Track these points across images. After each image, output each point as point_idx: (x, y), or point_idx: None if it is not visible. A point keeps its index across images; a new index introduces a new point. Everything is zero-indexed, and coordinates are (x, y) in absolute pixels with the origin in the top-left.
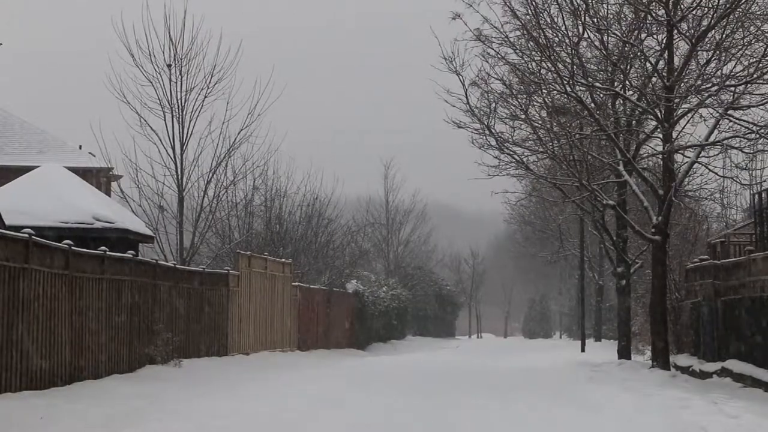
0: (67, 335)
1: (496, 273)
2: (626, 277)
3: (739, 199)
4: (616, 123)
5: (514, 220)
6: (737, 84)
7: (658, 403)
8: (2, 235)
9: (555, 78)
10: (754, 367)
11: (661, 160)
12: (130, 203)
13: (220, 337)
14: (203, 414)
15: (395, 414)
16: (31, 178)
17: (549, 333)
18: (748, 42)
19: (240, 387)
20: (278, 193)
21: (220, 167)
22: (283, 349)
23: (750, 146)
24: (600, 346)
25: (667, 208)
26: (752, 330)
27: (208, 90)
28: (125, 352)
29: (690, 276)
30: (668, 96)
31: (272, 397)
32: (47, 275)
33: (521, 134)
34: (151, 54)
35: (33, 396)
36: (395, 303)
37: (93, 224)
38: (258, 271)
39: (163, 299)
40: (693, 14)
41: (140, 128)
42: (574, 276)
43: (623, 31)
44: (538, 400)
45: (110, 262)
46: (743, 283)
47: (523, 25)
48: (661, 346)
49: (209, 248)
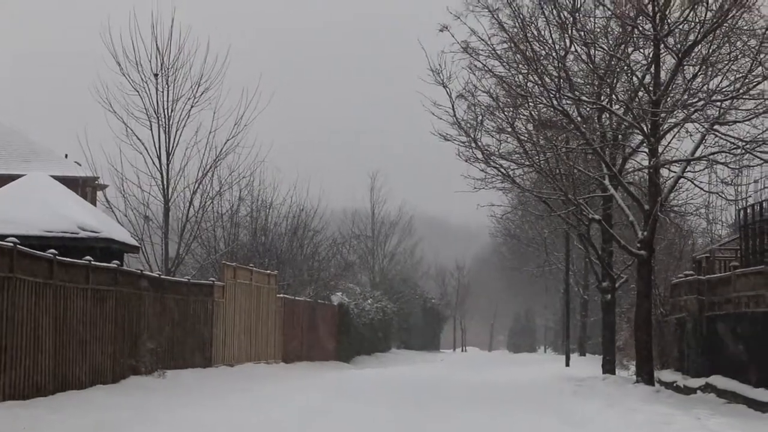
0: (51, 345)
1: (481, 286)
2: (611, 291)
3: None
4: (602, 137)
5: (499, 234)
6: (723, 99)
7: (642, 418)
8: None
9: (541, 91)
10: (738, 383)
11: (647, 174)
12: (115, 213)
13: (204, 348)
14: (188, 424)
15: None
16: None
17: (534, 347)
18: (735, 57)
19: (225, 398)
20: (264, 204)
21: (206, 177)
22: (268, 361)
23: (736, 161)
24: (585, 360)
25: (652, 223)
26: (736, 346)
27: (195, 100)
28: (109, 362)
29: (675, 291)
30: (654, 110)
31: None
32: (31, 285)
33: (508, 147)
34: (137, 63)
35: (16, 406)
36: (380, 315)
37: (78, 234)
38: (243, 282)
39: (148, 310)
40: (680, 29)
41: (126, 138)
42: (560, 290)
43: (610, 45)
44: (523, 415)
45: (95, 272)
46: (728, 299)
47: (511, 37)
48: (645, 362)
49: (194, 259)
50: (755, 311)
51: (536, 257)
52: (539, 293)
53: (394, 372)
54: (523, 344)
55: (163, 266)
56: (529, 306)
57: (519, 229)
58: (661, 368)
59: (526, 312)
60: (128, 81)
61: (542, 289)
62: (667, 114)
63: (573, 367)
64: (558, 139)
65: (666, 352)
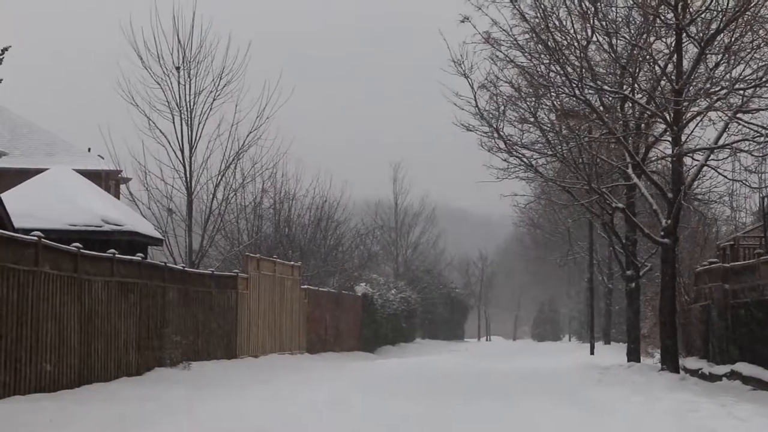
0: (76, 338)
1: (505, 276)
2: (635, 280)
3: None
4: (625, 126)
5: (522, 223)
6: (746, 87)
7: (667, 406)
8: (12, 238)
9: (564, 81)
10: (764, 370)
11: (670, 163)
12: (139, 206)
13: (229, 339)
14: (210, 417)
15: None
16: (40, 181)
17: (558, 336)
18: (757, 45)
19: (248, 390)
20: (287, 195)
21: (229, 170)
22: (292, 352)
23: (759, 149)
24: (609, 349)
25: (676, 211)
26: (761, 333)
27: (217, 93)
28: (134, 354)
29: (699, 279)
30: (677, 99)
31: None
32: (56, 278)
33: (530, 137)
34: (159, 56)
35: (43, 398)
36: (404, 306)
37: (102, 227)
38: (267, 273)
39: (172, 302)
40: (702, 18)
41: (149, 131)
42: (583, 279)
43: (632, 34)
44: (547, 402)
45: (119, 265)
46: (752, 286)
47: (532, 28)
48: (670, 349)
49: (218, 251)
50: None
51: (560, 247)
52: (563, 282)
53: (419, 362)
54: (547, 333)
55: (187, 258)
56: (553, 295)
57: (542, 218)
58: (686, 356)
59: (549, 301)
60: (150, 74)
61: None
62: (689, 103)
63: (597, 356)
64: (580, 129)
65: (691, 339)
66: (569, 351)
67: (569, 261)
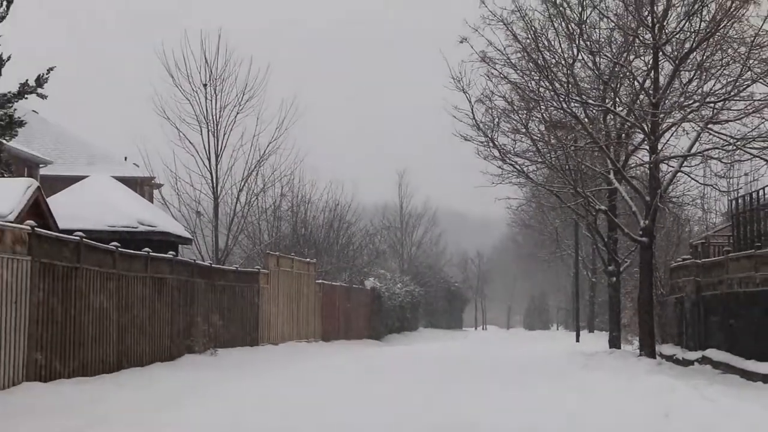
0: (114, 327)
1: (499, 271)
2: (616, 274)
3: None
4: (607, 136)
5: (515, 224)
6: (717, 101)
7: (645, 387)
8: (57, 238)
9: (552, 95)
10: (731, 355)
11: (648, 169)
12: (170, 209)
13: (251, 329)
14: (234, 396)
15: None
16: (82, 186)
17: (547, 325)
18: (726, 63)
19: (269, 374)
20: (303, 199)
21: (251, 176)
22: (308, 340)
23: (728, 157)
24: (593, 336)
25: (653, 213)
26: (729, 322)
27: (240, 107)
28: (167, 342)
29: (674, 274)
30: (654, 112)
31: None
32: (97, 274)
33: (522, 146)
34: (188, 75)
35: (84, 381)
36: (409, 298)
37: (137, 228)
38: (285, 269)
39: (201, 295)
40: (676, 38)
41: (179, 141)
42: (570, 274)
43: (613, 53)
44: (537, 384)
45: (153, 262)
46: (721, 280)
47: (524, 48)
48: (648, 337)
49: (241, 249)
50: (746, 291)
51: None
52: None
53: (423, 348)
54: (537, 323)
55: (214, 256)
56: (542, 288)
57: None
58: (661, 343)
59: (540, 294)
60: (180, 91)
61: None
62: (665, 115)
63: (582, 343)
64: (567, 138)
65: (666, 328)
66: (557, 339)
67: (557, 258)
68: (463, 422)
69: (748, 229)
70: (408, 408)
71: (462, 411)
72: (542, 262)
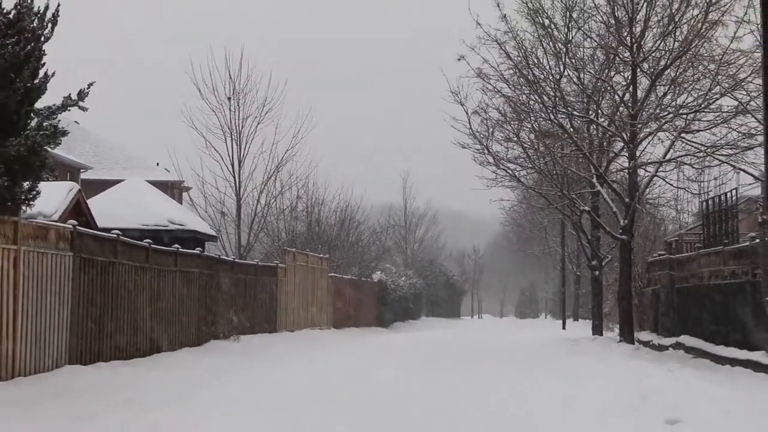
0: (147, 315)
1: (493, 266)
2: (599, 268)
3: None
4: (590, 144)
5: (508, 223)
6: (689, 112)
7: (624, 370)
8: (96, 236)
9: (541, 108)
10: (702, 341)
11: (627, 174)
12: (197, 209)
13: (270, 317)
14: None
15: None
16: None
17: (536, 314)
18: (697, 78)
19: (286, 358)
20: (317, 201)
21: (270, 180)
22: (321, 328)
23: (699, 163)
24: (578, 324)
25: (632, 213)
26: (700, 311)
27: (261, 118)
28: (194, 329)
29: (651, 268)
30: (633, 122)
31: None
32: (131, 268)
33: (514, 153)
34: (214, 89)
35: (120, 365)
36: (412, 290)
37: (168, 226)
38: (301, 264)
39: (225, 287)
40: (653, 56)
41: (206, 149)
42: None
43: (596, 69)
44: (527, 368)
45: (182, 257)
46: (693, 274)
47: (515, 65)
48: (627, 325)
49: (261, 246)
50: (715, 283)
51: (538, 242)
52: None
53: (424, 335)
54: (527, 312)
55: (237, 252)
56: (532, 281)
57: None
58: (639, 330)
59: (530, 286)
60: (207, 104)
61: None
62: (642, 125)
63: (568, 330)
64: (555, 146)
65: (643, 316)
66: (545, 327)
67: (545, 253)
68: (463, 401)
69: (717, 227)
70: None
71: (461, 390)
72: (532, 257)
